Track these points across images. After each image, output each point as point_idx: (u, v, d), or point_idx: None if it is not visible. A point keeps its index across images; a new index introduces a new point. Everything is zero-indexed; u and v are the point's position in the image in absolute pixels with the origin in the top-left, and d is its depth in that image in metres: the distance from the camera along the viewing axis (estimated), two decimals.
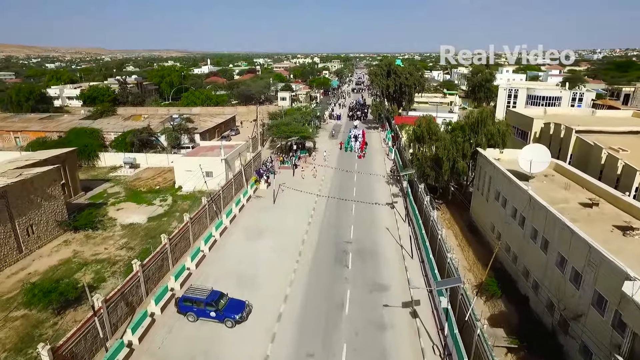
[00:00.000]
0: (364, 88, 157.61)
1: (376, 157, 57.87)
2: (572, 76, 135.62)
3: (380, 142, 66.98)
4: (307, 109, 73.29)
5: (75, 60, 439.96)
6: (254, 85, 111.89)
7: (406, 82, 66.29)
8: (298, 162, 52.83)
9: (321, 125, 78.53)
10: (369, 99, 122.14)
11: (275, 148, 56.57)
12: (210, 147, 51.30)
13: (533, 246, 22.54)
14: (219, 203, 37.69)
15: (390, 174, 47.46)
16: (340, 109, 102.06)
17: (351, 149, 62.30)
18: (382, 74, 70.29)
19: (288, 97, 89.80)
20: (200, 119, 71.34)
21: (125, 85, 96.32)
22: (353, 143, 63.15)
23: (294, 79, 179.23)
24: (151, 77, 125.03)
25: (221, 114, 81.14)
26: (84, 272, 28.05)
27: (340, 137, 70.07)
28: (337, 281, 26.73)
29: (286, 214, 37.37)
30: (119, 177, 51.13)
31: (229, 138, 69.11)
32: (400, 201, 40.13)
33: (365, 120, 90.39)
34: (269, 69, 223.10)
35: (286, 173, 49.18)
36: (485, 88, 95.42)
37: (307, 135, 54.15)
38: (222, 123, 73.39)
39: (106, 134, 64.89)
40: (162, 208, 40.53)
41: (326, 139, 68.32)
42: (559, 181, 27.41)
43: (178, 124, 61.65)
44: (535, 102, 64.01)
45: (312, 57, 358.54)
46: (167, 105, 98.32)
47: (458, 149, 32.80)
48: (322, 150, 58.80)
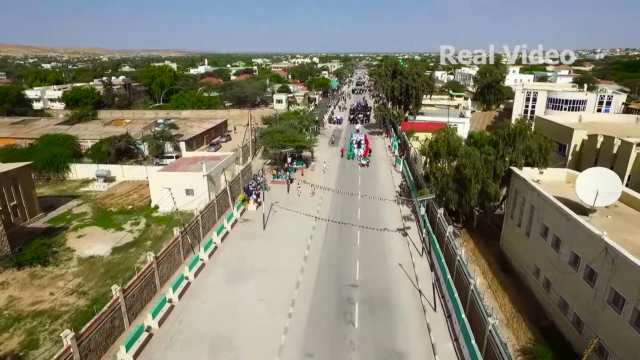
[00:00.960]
0: (365, 89, 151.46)
1: (381, 167, 51.63)
2: (583, 76, 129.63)
3: (385, 150, 60.75)
4: (304, 113, 67.06)
5: (73, 60, 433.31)
6: (248, 87, 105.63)
7: (413, 84, 60.13)
8: (293, 176, 46.63)
9: (320, 131, 72.39)
10: (370, 100, 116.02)
11: (267, 159, 50.30)
12: (194, 158, 45.02)
13: (616, 316, 16.28)
14: (197, 232, 31.46)
15: (400, 191, 41.24)
16: (340, 111, 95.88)
17: (353, 156, 56.23)
18: (387, 74, 64.13)
19: (284, 99, 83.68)
20: (187, 124, 65.10)
21: (110, 86, 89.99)
22: (355, 150, 57.06)
23: (292, 80, 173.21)
24: (141, 78, 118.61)
25: (212, 118, 74.87)
26: (11, 333, 21.77)
27: (341, 144, 63.85)
28: (340, 347, 20.50)
29: (278, 245, 31.14)
30: (90, 192, 44.85)
31: (218, 146, 62.89)
32: (414, 227, 33.96)
33: (367, 124, 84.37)
34: (267, 69, 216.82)
35: (280, 189, 42.96)
36: (495, 89, 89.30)
37: (305, 145, 47.96)
38: (211, 129, 67.14)
39: (82, 141, 58.63)
40: (132, 234, 34.26)
41: (325, 147, 62.10)
42: (628, 216, 21.20)
43: (160, 131, 55.37)
44: (557, 106, 57.93)
45: (311, 57, 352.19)
46: (156, 108, 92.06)
47: (489, 168, 26.60)
48: (322, 160, 52.60)
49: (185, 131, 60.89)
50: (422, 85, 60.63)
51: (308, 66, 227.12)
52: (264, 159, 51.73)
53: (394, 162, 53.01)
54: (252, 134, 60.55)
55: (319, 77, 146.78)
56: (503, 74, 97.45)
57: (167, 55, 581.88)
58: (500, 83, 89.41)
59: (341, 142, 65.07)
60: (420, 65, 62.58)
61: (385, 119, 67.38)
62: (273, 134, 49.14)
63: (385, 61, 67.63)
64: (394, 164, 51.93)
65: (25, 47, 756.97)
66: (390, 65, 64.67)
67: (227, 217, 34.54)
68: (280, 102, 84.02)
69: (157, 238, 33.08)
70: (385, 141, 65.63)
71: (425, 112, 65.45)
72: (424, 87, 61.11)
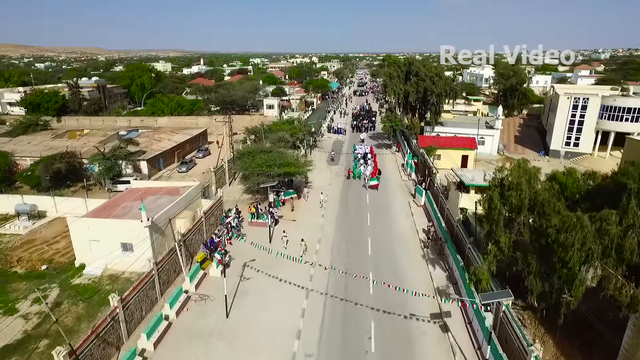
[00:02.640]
0: (367, 90, 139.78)
1: (396, 197, 39.89)
2: (608, 77, 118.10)
3: (398, 170, 48.99)
4: (299, 122, 55.36)
5: (69, 59, 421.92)
6: (239, 88, 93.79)
7: (433, 87, 48.43)
8: (281, 211, 34.97)
9: (318, 142, 60.65)
10: (375, 104, 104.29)
11: (247, 186, 38.44)
12: (145, 191, 33.28)
13: None
14: (117, 330, 19.74)
15: (428, 242, 29.49)
16: (341, 117, 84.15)
17: (359, 175, 44.83)
18: (399, 76, 52.38)
19: (276, 104, 71.97)
20: (155, 136, 53.30)
21: (76, 89, 78.13)
22: (362, 168, 45.69)
23: (289, 81, 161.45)
24: (119, 80, 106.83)
25: (189, 128, 63.05)
26: None
27: (342, 161, 52.04)
28: None
29: (245, 351, 19.46)
30: (4, 236, 33.13)
31: (192, 164, 51.10)
32: (456, 313, 22.21)
33: (373, 133, 72.84)
34: (263, 69, 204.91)
35: (259, 235, 31.21)
36: (520, 93, 77.60)
37: (297, 172, 36.18)
38: (185, 142, 55.36)
39: (21, 159, 46.97)
40: (30, 321, 22.57)
41: (323, 164, 50.35)
42: None
43: (113, 148, 43.58)
44: (615, 116, 46.30)
45: (311, 57, 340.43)
46: (131, 114, 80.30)
47: (607, 246, 14.94)
48: (319, 187, 40.98)
49: (149, 147, 49.09)
50: (444, 89, 48.96)
51: (307, 66, 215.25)
52: (243, 185, 39.94)
53: (411, 190, 41.27)
54: (232, 149, 48.88)
55: (318, 78, 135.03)
56: (529, 74, 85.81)
57: (165, 55, 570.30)
58: (525, 85, 77.66)
59: (343, 159, 53.27)
60: (440, 66, 50.78)
61: (396, 130, 55.64)
62: (254, 155, 37.46)
63: (396, 60, 55.85)
64: (412, 194, 40.15)
65: (23, 46, 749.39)
66: (403, 64, 52.93)
67: (173, 296, 22.73)
68: (271, 107, 72.28)
69: (67, 329, 21.29)
70: (397, 158, 53.85)
71: (444, 122, 53.73)
72: (447, 92, 49.45)
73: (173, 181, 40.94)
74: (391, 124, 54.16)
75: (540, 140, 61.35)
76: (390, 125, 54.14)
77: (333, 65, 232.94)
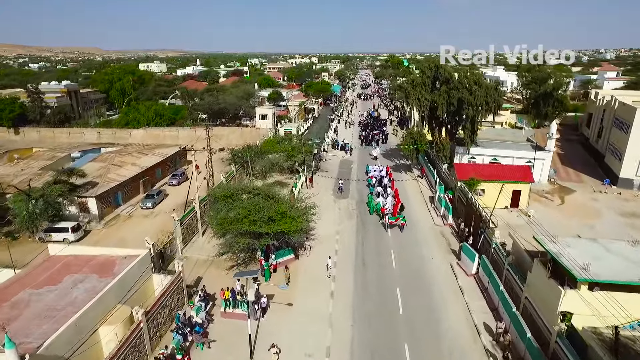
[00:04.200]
0: (373, 94, 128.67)
1: (430, 252, 28.80)
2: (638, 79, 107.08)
3: (425, 204, 37.91)
4: (298, 142, 44.29)
5: (66, 60, 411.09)
6: (231, 92, 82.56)
7: (470, 99, 37.31)
8: (269, 290, 23.92)
9: (322, 162, 49.53)
10: (383, 110, 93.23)
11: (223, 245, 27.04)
12: (66, 264, 22.15)
13: None
14: None
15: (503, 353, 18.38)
16: (347, 127, 72.96)
17: (377, 209, 34.87)
18: (425, 83, 41.24)
19: (271, 114, 60.72)
20: (116, 160, 42.04)
21: (36, 95, 66.94)
22: (381, 199, 35.72)
23: (288, 83, 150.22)
24: (97, 83, 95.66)
25: (163, 146, 51.85)
26: None
27: (353, 193, 40.89)
28: None
29: None
30: None
31: (160, 197, 39.95)
32: None
33: (385, 145, 62.25)
34: (260, 70, 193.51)
35: (236, 335, 20.14)
36: (555, 100, 66.44)
37: (296, 228, 24.75)
38: (156, 165, 44.21)
39: None
40: None
41: (329, 199, 39.25)
42: None
43: (44, 186, 32.30)
44: None
45: (310, 57, 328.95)
46: (102, 126, 69.11)
47: None
48: (325, 240, 29.88)
49: (104, 175, 37.87)
50: (485, 101, 37.80)
51: (306, 67, 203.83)
52: (217, 241, 28.55)
53: (450, 242, 30.17)
54: (211, 174, 37.88)
55: (319, 81, 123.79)
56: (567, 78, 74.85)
57: (164, 55, 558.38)
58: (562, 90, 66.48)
59: (353, 188, 42.16)
60: (479, 72, 39.69)
61: (418, 149, 44.50)
62: (233, 200, 26.31)
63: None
64: (451, 248, 29.01)
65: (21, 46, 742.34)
66: (428, 69, 41.70)
67: None
68: (265, 118, 60.98)
69: None
70: (421, 186, 42.75)
71: (481, 141, 42.58)
72: (488, 105, 38.27)
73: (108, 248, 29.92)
74: (414, 144, 42.93)
75: (592, 161, 50.24)
76: (413, 146, 42.90)
77: (334, 65, 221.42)
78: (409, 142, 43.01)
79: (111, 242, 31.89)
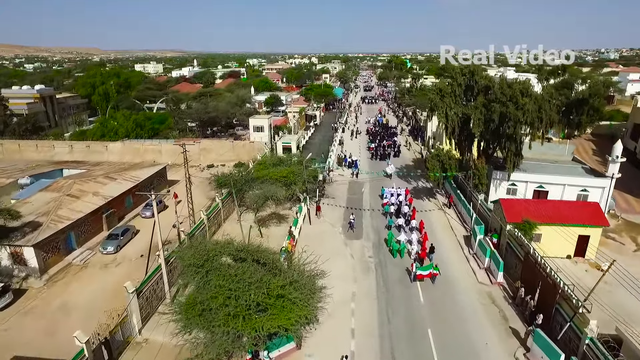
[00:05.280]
0: (377, 96, 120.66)
1: (482, 336, 20.85)
2: None
3: (459, 249, 29.93)
4: (298, 164, 36.24)
5: (63, 60, 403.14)
6: (223, 98, 74.45)
7: (517, 114, 29.25)
8: None
9: (325, 186, 41.50)
10: (390, 116, 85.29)
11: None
12: None
13: None
14: None
15: None
16: (353, 137, 64.94)
17: (400, 251, 28.16)
18: (456, 93, 33.23)
19: (267, 125, 52.41)
20: (74, 189, 33.89)
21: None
22: (403, 237, 29.35)
23: (287, 84, 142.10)
24: (78, 87, 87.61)
25: (138, 166, 43.77)
26: None
27: (367, 228, 32.82)
28: None
29: None
30: None
31: (126, 236, 31.84)
32: None
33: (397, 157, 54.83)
34: (258, 71, 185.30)
35: None
36: (591, 107, 58.49)
37: (296, 323, 16.82)
38: (126, 192, 36.12)
39: None
40: None
41: (337, 238, 31.24)
42: None
43: None
44: None
45: (310, 57, 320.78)
46: (76, 138, 61.01)
47: None
48: (335, 312, 21.86)
49: (53, 212, 29.75)
50: (537, 117, 29.76)
51: (306, 67, 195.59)
52: None
53: (506, 315, 22.21)
54: (190, 208, 30.10)
55: (319, 83, 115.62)
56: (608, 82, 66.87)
57: (163, 56, 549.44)
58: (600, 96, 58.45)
59: (367, 222, 34.11)
60: (527, 81, 31.59)
61: (447, 176, 36.44)
62: (207, 270, 18.27)
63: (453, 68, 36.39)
64: (519, 337, 20.97)
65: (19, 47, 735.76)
66: (461, 75, 33.60)
67: None
68: (260, 129, 52.67)
69: None
70: (450, 219, 34.76)
71: (523, 167, 34.46)
72: (542, 122, 30.20)
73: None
74: (441, 169, 34.71)
75: None
76: (441, 171, 34.69)
77: (334, 66, 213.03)
78: (436, 167, 34.82)
79: (50, 309, 23.96)
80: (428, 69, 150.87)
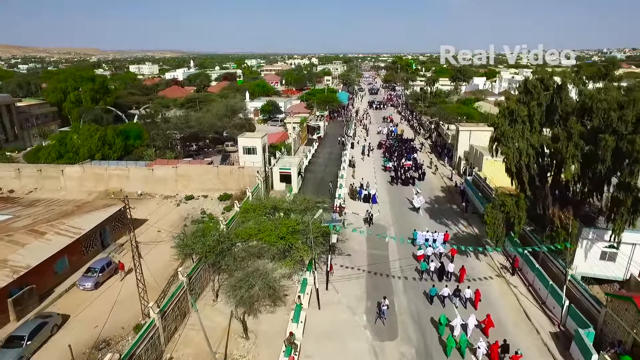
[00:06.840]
0: (385, 101, 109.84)
1: None
2: None
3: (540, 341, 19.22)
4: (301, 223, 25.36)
5: (60, 60, 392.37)
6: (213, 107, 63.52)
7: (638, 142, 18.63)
8: None
9: (338, 241, 30.34)
10: (404, 126, 74.64)
11: None
12: None
13: None
14: None
15: None
16: (365, 156, 53.96)
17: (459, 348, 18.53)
18: (536, 117, 22.55)
19: (260, 145, 41.12)
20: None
21: None
22: (457, 321, 20.17)
23: (287, 87, 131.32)
24: (46, 92, 76.76)
25: (86, 208, 32.85)
26: None
27: (405, 323, 21.98)
28: None
29: None
30: None
31: (43, 333, 20.90)
32: None
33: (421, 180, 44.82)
34: (256, 73, 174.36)
35: None
36: None
37: None
38: (57, 255, 25.33)
39: None
40: None
41: (359, 339, 20.40)
42: None
43: None
44: None
45: (310, 57, 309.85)
46: (29, 158, 50.15)
47: None
48: None
49: None
50: None
51: (306, 68, 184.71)
52: None
53: None
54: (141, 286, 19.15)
55: (322, 87, 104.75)
56: None
57: (161, 56, 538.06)
58: None
59: (404, 312, 23.24)
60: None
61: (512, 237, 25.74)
62: None
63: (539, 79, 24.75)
64: None
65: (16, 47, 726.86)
66: (544, 87, 22.76)
67: None
68: (251, 151, 41.35)
69: None
70: (517, 294, 23.97)
71: None
72: None
73: None
74: (503, 229, 23.64)
75: None
76: (503, 231, 23.64)
77: (336, 67, 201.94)
78: (499, 222, 23.91)
79: None
80: (435, 70, 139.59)
